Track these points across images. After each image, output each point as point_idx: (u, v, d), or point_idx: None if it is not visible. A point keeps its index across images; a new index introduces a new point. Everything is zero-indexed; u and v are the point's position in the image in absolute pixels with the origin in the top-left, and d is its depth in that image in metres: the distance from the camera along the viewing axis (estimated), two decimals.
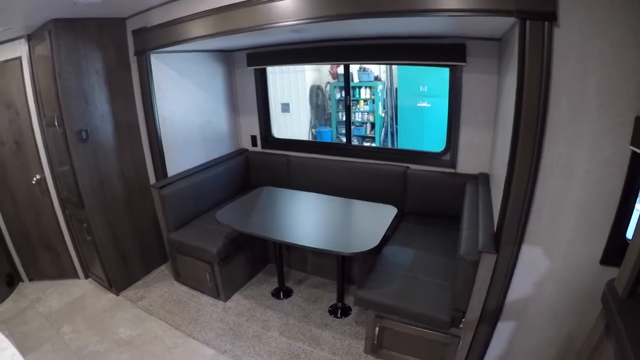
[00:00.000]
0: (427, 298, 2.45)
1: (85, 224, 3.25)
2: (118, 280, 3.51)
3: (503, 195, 2.11)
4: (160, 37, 2.97)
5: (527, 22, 1.77)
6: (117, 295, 3.50)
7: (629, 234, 1.94)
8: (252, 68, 4.05)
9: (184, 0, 2.76)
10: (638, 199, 1.89)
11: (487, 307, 2.29)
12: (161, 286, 3.63)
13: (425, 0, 1.93)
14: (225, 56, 4.07)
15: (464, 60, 2.98)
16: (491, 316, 2.38)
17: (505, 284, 2.28)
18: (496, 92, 2.97)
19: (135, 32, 3.17)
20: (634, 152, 1.74)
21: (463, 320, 2.29)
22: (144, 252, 3.73)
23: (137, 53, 3.24)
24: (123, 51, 3.26)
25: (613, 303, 1.42)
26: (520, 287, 2.29)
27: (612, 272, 1.88)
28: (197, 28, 2.71)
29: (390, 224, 2.88)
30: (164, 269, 3.91)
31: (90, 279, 3.78)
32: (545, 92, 1.84)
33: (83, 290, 3.61)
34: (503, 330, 2.46)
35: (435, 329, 2.41)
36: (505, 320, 2.42)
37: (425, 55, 3.14)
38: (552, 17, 1.73)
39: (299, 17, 2.30)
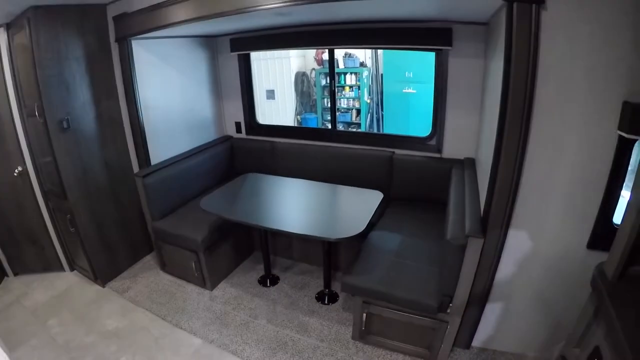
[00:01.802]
0: (414, 283, 2.44)
1: (69, 216, 3.18)
2: (103, 271, 3.45)
3: (490, 179, 2.11)
4: (142, 22, 2.89)
5: (515, 4, 1.75)
6: (103, 286, 3.44)
7: (616, 218, 1.96)
8: (235, 53, 3.97)
9: None
10: (625, 184, 1.90)
11: (474, 291, 2.31)
12: (147, 276, 3.58)
13: None
14: (208, 41, 3.99)
15: (450, 45, 2.95)
16: (478, 301, 2.41)
17: (492, 269, 2.30)
18: (482, 77, 2.95)
19: (116, 18, 3.08)
20: (621, 137, 1.75)
21: (450, 305, 2.29)
22: (129, 242, 3.67)
23: (118, 39, 3.15)
24: (104, 38, 3.16)
25: (603, 286, 1.42)
26: (507, 271, 2.31)
27: (599, 256, 1.89)
28: (179, 12, 2.63)
29: (376, 209, 2.86)
30: (149, 259, 3.85)
31: (75, 271, 3.71)
32: (532, 76, 1.83)
33: (68, 283, 3.55)
34: (490, 315, 2.50)
35: (423, 314, 2.41)
36: (493, 304, 2.46)
37: (412, 39, 3.10)
38: (539, 1, 1.71)
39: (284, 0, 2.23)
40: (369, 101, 7.64)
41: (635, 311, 1.28)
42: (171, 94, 3.64)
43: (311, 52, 7.91)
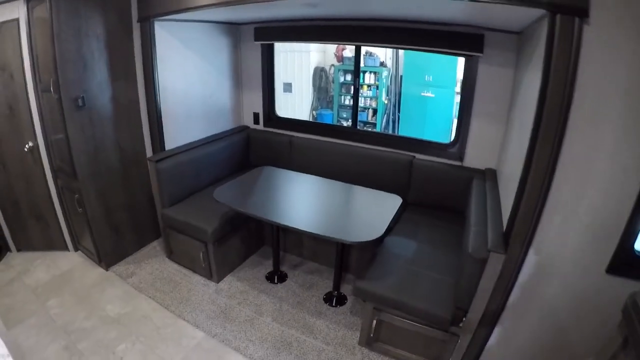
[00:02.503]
0: (428, 294, 2.38)
1: (77, 195, 3.13)
2: (108, 254, 3.41)
3: (516, 194, 2.05)
4: (166, 3, 2.83)
5: (558, 16, 1.69)
6: (107, 270, 3.40)
7: (638, 245, 1.90)
8: (259, 43, 3.91)
9: None
10: None
11: (489, 307, 2.24)
12: (152, 263, 3.53)
13: None
14: (232, 29, 3.92)
15: (481, 51, 2.88)
16: (491, 317, 2.34)
17: (509, 285, 2.23)
18: (511, 87, 2.88)
19: None
20: None
21: (464, 319, 2.24)
22: (136, 227, 3.63)
23: (141, 19, 3.09)
24: (126, 17, 3.10)
25: (636, 316, 1.36)
26: (524, 289, 2.24)
27: (617, 281, 1.89)
28: None
29: (395, 214, 2.80)
30: (155, 245, 3.80)
31: (79, 251, 3.67)
32: (570, 91, 1.76)
33: (72, 263, 3.51)
34: (500, 332, 2.43)
35: (435, 326, 2.36)
36: (505, 321, 2.38)
37: (443, 42, 3.02)
38: (583, 13, 1.65)
39: None
40: (386, 102, 7.58)
41: None
42: (190, 79, 3.59)
43: (331, 48, 7.85)
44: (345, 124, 7.97)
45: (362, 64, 7.22)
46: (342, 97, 7.85)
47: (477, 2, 1.85)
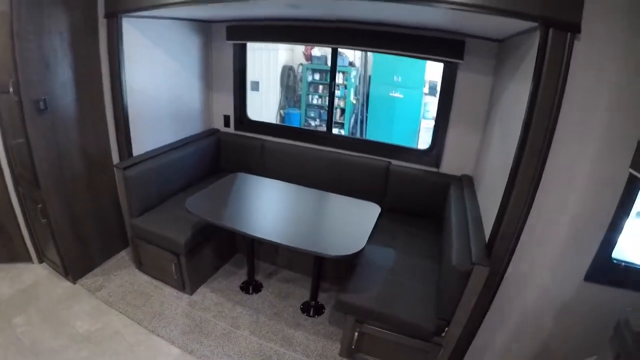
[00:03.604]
0: (411, 305, 2.37)
1: (40, 205, 2.95)
2: (75, 266, 3.22)
3: (500, 206, 2.07)
4: None
5: (550, 30, 1.70)
6: (74, 283, 3.21)
7: (615, 254, 1.97)
8: (231, 42, 3.78)
9: None
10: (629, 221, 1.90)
11: (472, 317, 2.25)
12: (121, 275, 3.37)
13: None
14: (203, 27, 3.78)
15: (461, 58, 2.88)
16: (474, 326, 2.35)
17: (491, 295, 2.26)
18: (489, 95, 2.90)
19: None
20: (632, 175, 1.73)
21: (446, 329, 2.24)
22: (103, 236, 3.45)
23: (108, 15, 2.91)
24: (92, 12, 2.93)
25: (628, 336, 1.37)
26: (505, 298, 2.28)
27: (595, 288, 1.95)
28: None
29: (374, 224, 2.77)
30: (124, 255, 3.63)
31: (44, 263, 3.45)
32: (558, 105, 1.79)
33: (36, 276, 3.30)
34: (481, 340, 2.45)
35: (419, 337, 2.34)
36: (485, 328, 2.42)
37: (422, 48, 3.00)
38: (575, 28, 1.67)
39: None
40: (354, 102, 7.57)
41: None
42: (159, 79, 3.43)
43: (300, 47, 7.78)
44: (313, 123, 7.96)
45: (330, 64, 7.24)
46: (310, 96, 7.80)
47: (472, 12, 1.84)
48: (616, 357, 1.44)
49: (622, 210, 1.83)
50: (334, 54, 3.75)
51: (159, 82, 3.44)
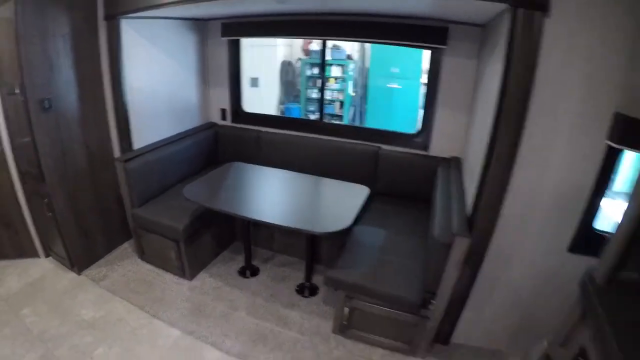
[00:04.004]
0: (398, 279, 2.46)
1: (46, 199, 3.06)
2: (80, 258, 3.34)
3: (479, 181, 2.14)
4: (134, 1, 2.78)
5: (519, 10, 1.78)
6: (79, 274, 3.33)
7: (597, 224, 2.04)
8: (226, 39, 3.88)
9: None
10: (608, 192, 1.97)
11: (457, 289, 2.32)
12: (124, 265, 3.48)
13: None
14: (198, 25, 3.88)
15: (445, 44, 2.96)
16: (459, 298, 2.44)
17: (475, 268, 2.33)
18: (474, 78, 2.98)
19: None
20: (609, 146, 1.80)
21: (433, 302, 2.31)
22: (106, 228, 3.57)
23: (107, 17, 3.02)
24: (92, 15, 3.04)
25: (592, 290, 1.45)
26: (490, 270, 2.36)
27: (578, 259, 2.01)
28: None
29: (362, 204, 2.87)
30: (127, 247, 3.75)
31: (50, 257, 3.57)
32: (530, 82, 1.87)
33: (43, 269, 3.42)
34: (470, 312, 2.55)
35: (405, 310, 2.43)
36: (473, 302, 2.50)
37: (407, 36, 3.09)
38: (544, 8, 1.74)
39: None
40: (353, 94, 7.64)
41: (623, 315, 1.31)
42: (157, 77, 3.53)
43: (299, 42, 7.82)
44: (312, 117, 8.01)
45: (329, 57, 7.29)
46: (309, 90, 7.86)
47: None
48: (582, 314, 1.51)
49: (601, 181, 1.92)
50: (323, 46, 3.85)
51: (157, 79, 3.54)
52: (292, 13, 3.33)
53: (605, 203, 2.03)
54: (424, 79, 6.89)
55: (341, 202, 3.02)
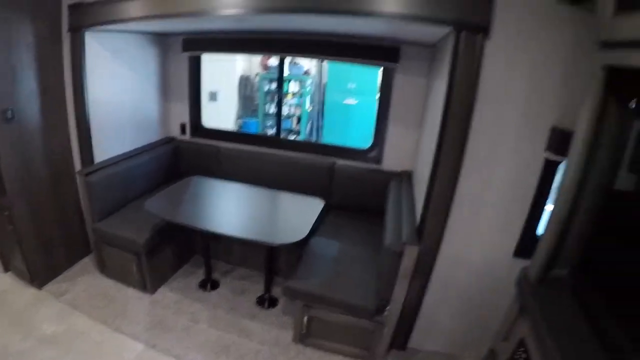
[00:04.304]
0: (353, 287, 2.57)
1: (6, 212, 3.01)
2: (41, 273, 3.28)
3: (427, 191, 2.29)
4: (98, 14, 2.82)
5: (462, 33, 1.94)
6: (40, 289, 3.27)
7: (540, 230, 2.20)
8: (187, 54, 3.94)
9: None
10: (549, 200, 2.13)
11: (410, 295, 2.46)
12: (86, 279, 3.44)
13: (371, 2, 2.03)
14: (160, 39, 3.91)
15: (397, 62, 3.14)
16: (413, 304, 2.57)
17: (426, 274, 2.46)
18: (424, 95, 3.16)
19: (72, 7, 2.96)
20: (547, 159, 1.99)
21: (387, 308, 2.43)
22: (67, 242, 3.51)
23: (72, 29, 3.02)
24: (56, 26, 3.03)
25: (527, 287, 1.61)
26: (441, 276, 2.50)
27: (524, 263, 2.11)
28: (138, 8, 2.62)
29: (318, 216, 2.98)
30: (87, 261, 3.69)
31: (10, 272, 3.47)
32: (472, 99, 2.03)
33: (3, 284, 3.33)
34: (424, 318, 2.67)
35: (361, 317, 2.54)
36: (427, 308, 2.63)
37: (362, 54, 3.26)
38: (485, 31, 1.92)
39: (243, 7, 2.30)
40: (310, 109, 7.77)
41: (555, 308, 1.48)
42: (119, 90, 3.54)
43: (257, 57, 7.89)
44: (270, 131, 8.08)
45: (287, 73, 7.39)
46: (268, 105, 7.94)
47: (393, 20, 2.09)
48: (520, 308, 1.67)
49: (542, 190, 2.09)
50: (281, 62, 3.97)
51: (119, 92, 3.55)
52: (252, 31, 3.43)
53: (547, 209, 2.18)
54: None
55: (298, 214, 3.13)
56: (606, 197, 1.49)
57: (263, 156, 3.88)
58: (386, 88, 3.36)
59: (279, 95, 4.12)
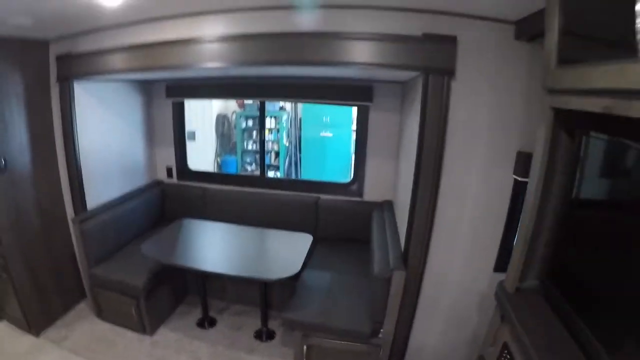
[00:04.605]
0: (348, 314, 2.73)
1: (0, 260, 3.05)
2: (37, 320, 3.30)
3: (408, 219, 2.48)
4: (87, 65, 2.95)
5: (430, 76, 2.19)
6: (37, 336, 3.29)
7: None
8: (170, 100, 4.10)
9: (110, 31, 2.79)
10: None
11: (402, 316, 2.63)
12: (83, 324, 3.48)
13: (347, 54, 2.29)
14: (144, 86, 4.06)
15: (370, 101, 3.41)
16: (405, 324, 2.72)
17: (415, 295, 2.64)
18: (398, 128, 3.42)
19: (60, 58, 3.09)
20: (515, 180, 2.22)
21: (381, 330, 2.60)
22: (61, 288, 3.55)
23: (61, 79, 3.14)
24: (44, 76, 3.15)
25: (504, 298, 1.81)
26: (428, 296, 2.66)
27: (503, 277, 2.32)
28: (125, 60, 2.79)
29: (308, 250, 3.15)
30: (83, 306, 3.73)
31: (4, 321, 3.47)
32: (443, 133, 2.27)
33: None
34: (416, 336, 2.82)
35: (358, 341, 2.69)
36: (418, 326, 2.78)
37: (337, 95, 3.52)
38: (450, 73, 2.18)
39: (225, 61, 2.52)
40: (287, 144, 7.98)
41: (529, 313, 1.68)
42: (107, 137, 3.63)
43: None
44: (249, 168, 8.24)
45: None
46: (245, 142, 8.12)
47: (369, 69, 2.36)
48: (501, 317, 1.87)
49: (513, 209, 2.30)
50: (262, 107, 4.19)
51: (107, 139, 3.63)
52: (232, 77, 3.63)
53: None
54: (355, 126, 7.39)
55: (288, 250, 3.28)
56: (570, 209, 1.70)
57: (250, 196, 4.03)
58: (362, 125, 3.61)
59: (261, 137, 4.33)
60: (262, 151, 4.46)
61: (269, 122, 7.78)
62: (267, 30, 2.38)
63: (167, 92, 4.05)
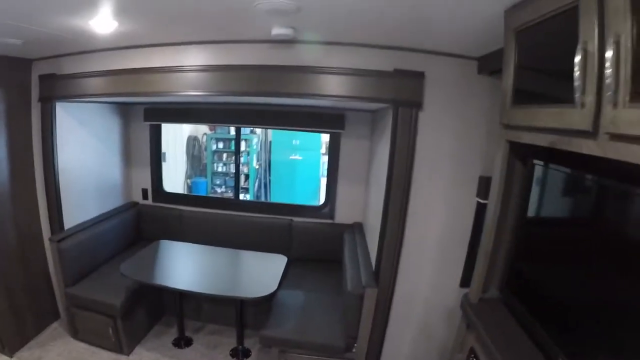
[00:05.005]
0: (322, 330, 2.86)
1: None
2: (11, 340, 3.25)
3: (379, 239, 2.67)
4: (72, 87, 3.04)
5: (399, 108, 2.42)
6: (11, 357, 3.25)
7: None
8: (148, 123, 4.17)
9: (97, 54, 2.89)
10: None
11: (374, 331, 2.77)
12: (58, 344, 3.45)
13: (324, 86, 2.51)
14: (123, 108, 4.11)
15: (343, 128, 3.61)
16: (378, 339, 2.87)
17: (387, 311, 2.80)
18: (368, 154, 3.63)
19: (43, 78, 3.14)
20: (478, 202, 2.45)
21: (355, 344, 2.74)
22: (36, 308, 3.51)
23: (43, 100, 3.18)
24: (26, 94, 3.19)
25: (469, 308, 2.01)
26: (399, 311, 2.84)
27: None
28: (110, 85, 2.89)
29: (283, 270, 3.28)
30: (56, 326, 3.69)
31: None
32: (411, 159, 2.50)
33: None
34: (389, 350, 2.96)
35: (333, 356, 2.81)
36: (390, 340, 2.93)
37: (311, 123, 3.71)
38: (418, 106, 2.42)
39: (204, 89, 2.69)
40: (257, 167, 8.11)
41: (492, 320, 1.87)
42: (85, 157, 3.65)
43: None
44: (219, 190, 8.32)
45: (233, 132, 7.71)
46: (215, 164, 8.20)
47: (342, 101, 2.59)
48: (467, 325, 2.06)
49: (477, 229, 2.49)
50: (237, 132, 4.34)
51: (85, 160, 3.66)
52: (209, 102, 3.77)
53: None
54: (324, 149, 7.60)
55: (264, 270, 3.40)
56: (525, 227, 1.91)
57: (225, 218, 4.14)
58: (334, 151, 3.81)
59: (237, 161, 4.46)
60: (237, 174, 4.58)
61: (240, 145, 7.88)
62: (246, 62, 2.57)
63: (145, 116, 4.12)
